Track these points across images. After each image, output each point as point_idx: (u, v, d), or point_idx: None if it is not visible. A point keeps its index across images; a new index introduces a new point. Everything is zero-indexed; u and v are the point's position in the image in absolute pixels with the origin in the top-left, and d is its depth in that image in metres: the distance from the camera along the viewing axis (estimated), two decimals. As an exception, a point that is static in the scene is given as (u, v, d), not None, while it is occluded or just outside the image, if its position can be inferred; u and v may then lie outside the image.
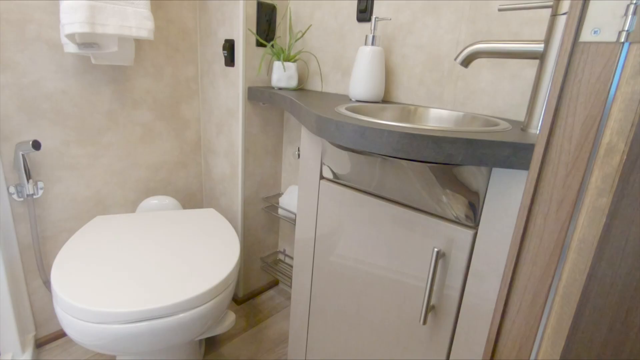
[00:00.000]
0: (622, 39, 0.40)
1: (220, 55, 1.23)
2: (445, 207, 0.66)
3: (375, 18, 0.96)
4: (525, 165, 0.57)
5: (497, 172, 0.60)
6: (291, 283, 1.38)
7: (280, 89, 1.19)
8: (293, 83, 1.19)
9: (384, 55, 0.98)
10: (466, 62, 0.73)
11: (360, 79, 0.98)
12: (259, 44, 1.19)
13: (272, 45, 1.18)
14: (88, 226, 1.04)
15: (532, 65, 0.80)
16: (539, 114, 0.66)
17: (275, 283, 1.56)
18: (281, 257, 1.51)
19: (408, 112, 0.92)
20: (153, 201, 1.27)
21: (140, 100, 1.21)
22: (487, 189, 0.62)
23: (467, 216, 0.64)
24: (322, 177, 0.88)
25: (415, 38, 0.97)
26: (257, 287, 1.49)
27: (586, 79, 0.43)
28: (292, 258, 1.47)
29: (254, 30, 1.17)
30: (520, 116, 0.83)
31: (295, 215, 1.26)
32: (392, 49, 1.02)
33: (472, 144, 0.57)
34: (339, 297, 0.87)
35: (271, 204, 1.39)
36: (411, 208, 0.71)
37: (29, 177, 1.00)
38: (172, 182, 1.37)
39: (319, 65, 1.21)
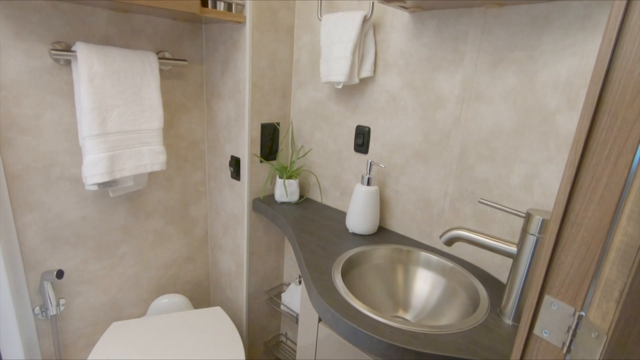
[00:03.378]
0: (565, 350, 0.48)
1: (226, 165, 1.32)
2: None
3: (371, 162, 1.04)
4: (496, 378, 0.65)
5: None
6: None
7: (282, 203, 1.27)
8: (294, 198, 1.27)
9: (378, 194, 1.07)
10: (449, 243, 0.81)
11: (356, 214, 1.07)
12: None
13: (276, 163, 1.26)
14: (105, 337, 1.12)
15: (512, 235, 0.88)
16: (510, 309, 0.74)
17: (277, 361, 1.65)
18: (283, 339, 1.60)
19: (399, 252, 1.01)
20: (163, 300, 1.36)
21: (152, 211, 1.30)
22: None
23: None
24: (320, 320, 0.96)
25: (408, 179, 1.06)
26: (260, 367, 1.57)
27: (539, 362, 0.51)
28: (293, 342, 1.56)
29: (259, 149, 1.25)
30: (501, 274, 0.91)
31: (297, 314, 1.34)
32: (387, 183, 1.11)
33: (449, 360, 0.65)
34: None
35: (273, 297, 1.48)
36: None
37: (52, 301, 1.09)
38: (181, 276, 1.46)
39: (318, 182, 1.29)
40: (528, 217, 0.70)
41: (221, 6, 1.07)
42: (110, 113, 1.00)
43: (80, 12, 1.00)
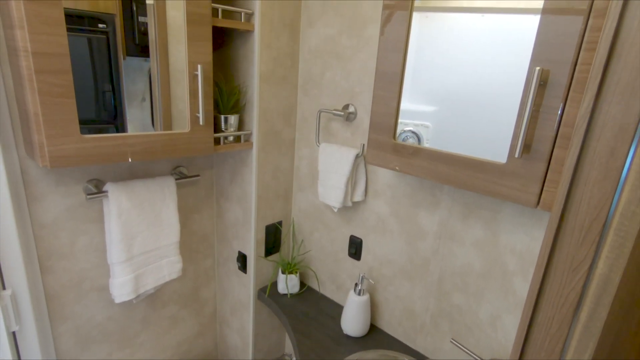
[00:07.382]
0: None
1: (234, 256, 1.47)
2: None
3: (362, 276, 1.19)
4: None
5: None
6: None
7: (284, 294, 1.42)
8: (295, 290, 1.42)
9: (369, 303, 1.22)
10: (427, 372, 0.96)
11: (350, 319, 1.22)
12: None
13: (278, 258, 1.41)
14: None
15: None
16: None
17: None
18: (285, 402, 1.75)
19: (387, 358, 1.16)
20: (177, 377, 1.51)
21: (167, 300, 1.45)
22: None
23: None
24: (318, 421, 1.12)
25: (395, 289, 1.21)
26: None
27: None
28: (294, 406, 1.71)
29: (263, 248, 1.40)
30: (473, 387, 1.07)
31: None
32: (378, 289, 1.26)
33: None
34: None
35: (276, 367, 1.63)
36: None
37: (82, 395, 1.24)
38: (192, 351, 1.61)
39: (316, 276, 1.45)
40: (488, 369, 0.85)
41: (231, 138, 1.22)
42: (135, 239, 1.14)
43: (109, 151, 1.15)
